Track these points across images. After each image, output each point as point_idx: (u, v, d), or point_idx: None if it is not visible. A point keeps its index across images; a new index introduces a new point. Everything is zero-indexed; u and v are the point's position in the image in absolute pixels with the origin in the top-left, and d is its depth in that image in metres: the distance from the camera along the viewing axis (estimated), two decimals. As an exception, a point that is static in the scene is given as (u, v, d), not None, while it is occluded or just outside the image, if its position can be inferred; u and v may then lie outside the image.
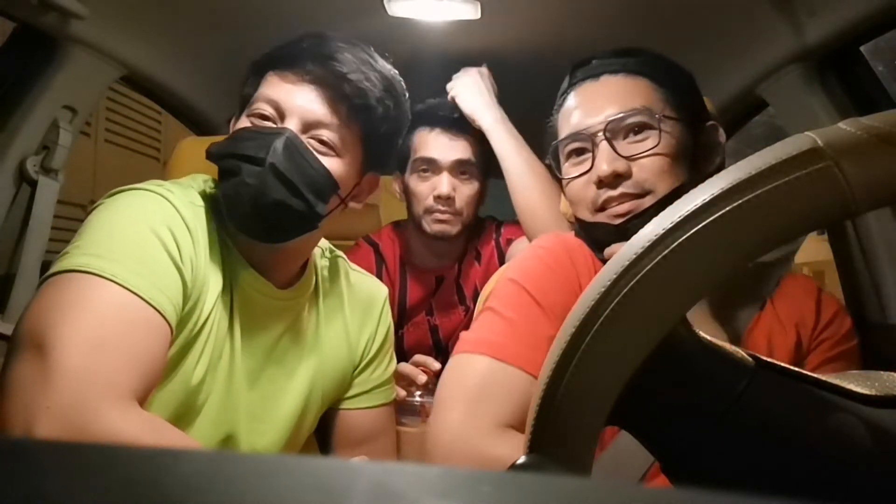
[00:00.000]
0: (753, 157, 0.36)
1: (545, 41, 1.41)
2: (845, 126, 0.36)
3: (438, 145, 1.41)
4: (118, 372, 0.66)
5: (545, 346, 0.42)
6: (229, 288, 0.85)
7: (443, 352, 1.50)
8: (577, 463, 0.39)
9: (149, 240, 0.74)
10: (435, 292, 1.53)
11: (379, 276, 1.50)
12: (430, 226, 1.43)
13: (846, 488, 0.37)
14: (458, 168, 1.41)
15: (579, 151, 0.89)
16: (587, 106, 0.88)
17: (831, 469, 0.38)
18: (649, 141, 0.84)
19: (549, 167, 0.98)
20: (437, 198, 1.40)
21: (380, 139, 0.91)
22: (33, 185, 1.30)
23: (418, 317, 1.53)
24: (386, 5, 1.26)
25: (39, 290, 0.70)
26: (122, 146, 2.79)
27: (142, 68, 1.45)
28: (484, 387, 0.78)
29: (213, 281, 0.82)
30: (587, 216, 0.88)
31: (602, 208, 0.86)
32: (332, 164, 0.85)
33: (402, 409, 1.18)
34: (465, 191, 1.42)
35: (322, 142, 0.84)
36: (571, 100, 0.91)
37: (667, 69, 0.90)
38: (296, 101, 0.84)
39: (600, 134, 0.85)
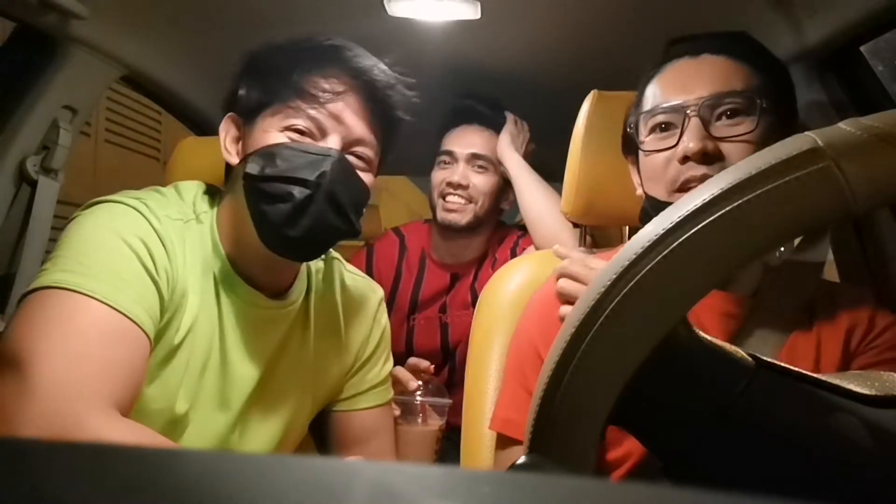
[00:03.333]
0: (753, 157, 0.36)
1: (545, 42, 1.41)
2: (845, 126, 0.36)
3: (463, 139, 1.51)
4: (98, 381, 0.66)
5: None
6: (216, 299, 0.84)
7: (450, 355, 1.51)
8: (577, 463, 0.39)
9: (123, 252, 0.74)
10: (449, 289, 1.55)
11: (399, 265, 1.59)
12: (441, 214, 1.51)
13: (846, 488, 0.37)
14: (474, 160, 1.50)
15: (666, 126, 0.84)
16: (683, 82, 0.84)
17: (831, 469, 0.38)
18: (744, 126, 0.80)
19: (626, 138, 0.93)
20: (449, 184, 1.49)
21: (394, 148, 0.93)
22: (33, 185, 1.29)
23: (430, 311, 1.55)
24: (386, 5, 1.26)
25: (19, 308, 0.70)
26: (122, 146, 2.79)
27: (142, 68, 1.45)
28: None
29: (193, 293, 0.81)
30: (662, 195, 0.83)
31: (682, 188, 0.81)
32: (367, 179, 0.86)
33: (402, 409, 1.18)
34: (478, 181, 1.50)
35: (359, 157, 0.85)
36: (666, 74, 0.87)
37: (770, 62, 0.86)
38: (339, 117, 0.82)
39: (693, 109, 0.81)
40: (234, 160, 0.86)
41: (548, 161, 1.48)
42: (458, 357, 1.51)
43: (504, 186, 1.53)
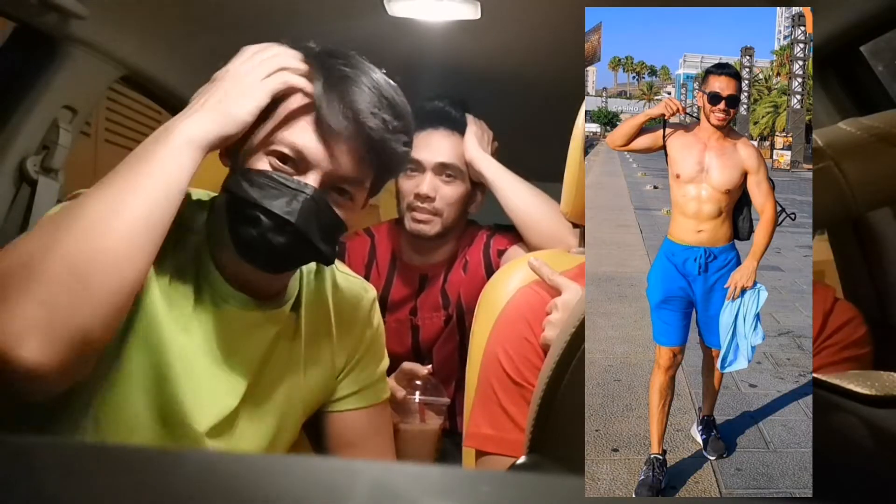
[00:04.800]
0: (753, 157, 0.36)
1: (545, 42, 1.41)
2: (845, 126, 0.36)
3: (430, 146, 1.45)
4: None
5: None
6: (203, 302, 0.85)
7: (422, 357, 1.50)
8: (577, 463, 0.39)
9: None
10: (419, 291, 1.54)
11: (369, 267, 1.55)
12: (409, 224, 1.47)
13: (846, 488, 0.37)
14: (442, 170, 1.46)
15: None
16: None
17: (831, 468, 0.38)
18: None
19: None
20: (417, 196, 1.44)
21: (388, 177, 0.92)
22: (33, 185, 1.29)
23: (401, 313, 1.54)
24: (386, 5, 1.26)
25: None
26: (122, 146, 2.79)
27: (142, 68, 1.45)
28: None
29: (160, 298, 0.82)
30: None
31: None
32: (347, 214, 0.86)
33: (400, 409, 1.18)
34: (446, 192, 1.46)
35: (341, 192, 0.85)
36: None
37: None
38: (324, 156, 0.82)
39: None
40: (227, 163, 0.87)
41: (547, 162, 1.47)
42: (437, 358, 1.50)
43: (472, 191, 1.50)
